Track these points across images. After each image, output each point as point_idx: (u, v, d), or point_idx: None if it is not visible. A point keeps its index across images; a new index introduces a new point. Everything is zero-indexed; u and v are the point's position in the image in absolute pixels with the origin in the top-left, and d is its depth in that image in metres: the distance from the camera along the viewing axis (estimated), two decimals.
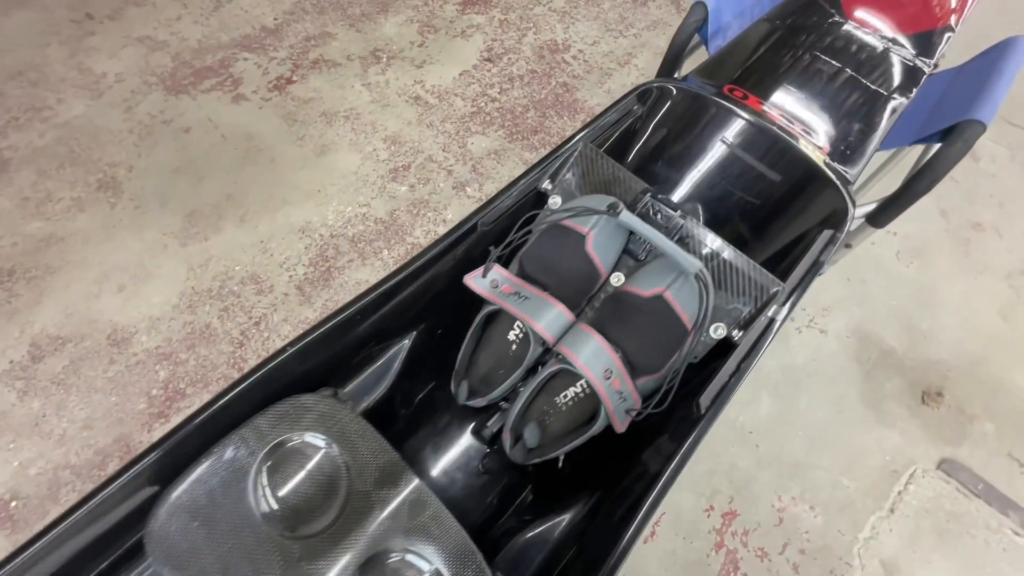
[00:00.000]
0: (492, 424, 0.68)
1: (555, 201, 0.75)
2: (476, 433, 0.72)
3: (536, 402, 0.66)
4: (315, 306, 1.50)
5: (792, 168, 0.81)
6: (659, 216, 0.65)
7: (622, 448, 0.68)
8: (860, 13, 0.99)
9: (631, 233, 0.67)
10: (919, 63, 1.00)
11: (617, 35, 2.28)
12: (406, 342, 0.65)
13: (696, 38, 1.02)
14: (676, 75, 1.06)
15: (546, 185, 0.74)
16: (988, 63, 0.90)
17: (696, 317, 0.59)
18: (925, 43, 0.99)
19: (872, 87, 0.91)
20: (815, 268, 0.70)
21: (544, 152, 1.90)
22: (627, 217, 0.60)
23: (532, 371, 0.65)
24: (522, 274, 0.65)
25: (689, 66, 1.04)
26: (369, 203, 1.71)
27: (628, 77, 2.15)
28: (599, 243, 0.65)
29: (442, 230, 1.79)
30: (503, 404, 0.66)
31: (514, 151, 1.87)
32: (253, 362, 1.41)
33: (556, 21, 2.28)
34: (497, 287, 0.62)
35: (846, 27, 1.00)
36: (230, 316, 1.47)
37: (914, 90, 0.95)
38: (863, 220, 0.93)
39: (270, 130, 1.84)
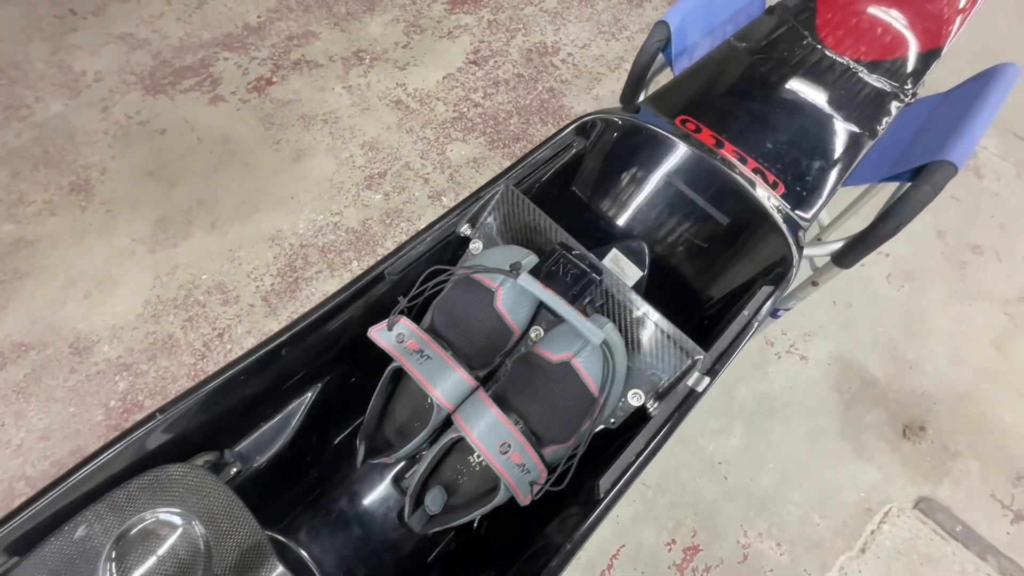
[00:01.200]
0: (410, 476, 0.64)
1: (476, 246, 0.70)
2: (396, 482, 0.68)
3: (448, 461, 0.61)
4: (280, 318, 1.47)
5: (740, 211, 0.74)
6: (569, 276, 0.59)
7: (534, 518, 0.63)
8: (835, 37, 0.91)
9: None
10: (896, 92, 0.92)
11: (609, 38, 2.19)
12: (308, 394, 0.61)
13: (662, 58, 0.95)
14: (642, 96, 0.99)
15: (465, 229, 0.69)
16: (970, 94, 0.82)
17: (602, 388, 0.54)
18: (906, 69, 0.90)
19: (840, 120, 0.83)
20: (747, 330, 0.64)
21: None
22: (526, 281, 0.54)
23: (444, 430, 0.60)
24: (432, 328, 0.61)
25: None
26: (342, 212, 1.66)
27: (618, 83, 2.07)
28: (509, 299, 0.60)
29: None
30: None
31: (494, 159, 1.81)
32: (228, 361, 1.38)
33: (547, 22, 2.20)
34: (403, 342, 0.57)
35: (819, 52, 0.92)
36: (194, 326, 1.44)
37: (887, 122, 0.87)
38: (829, 259, 0.87)
39: (247, 133, 1.80)
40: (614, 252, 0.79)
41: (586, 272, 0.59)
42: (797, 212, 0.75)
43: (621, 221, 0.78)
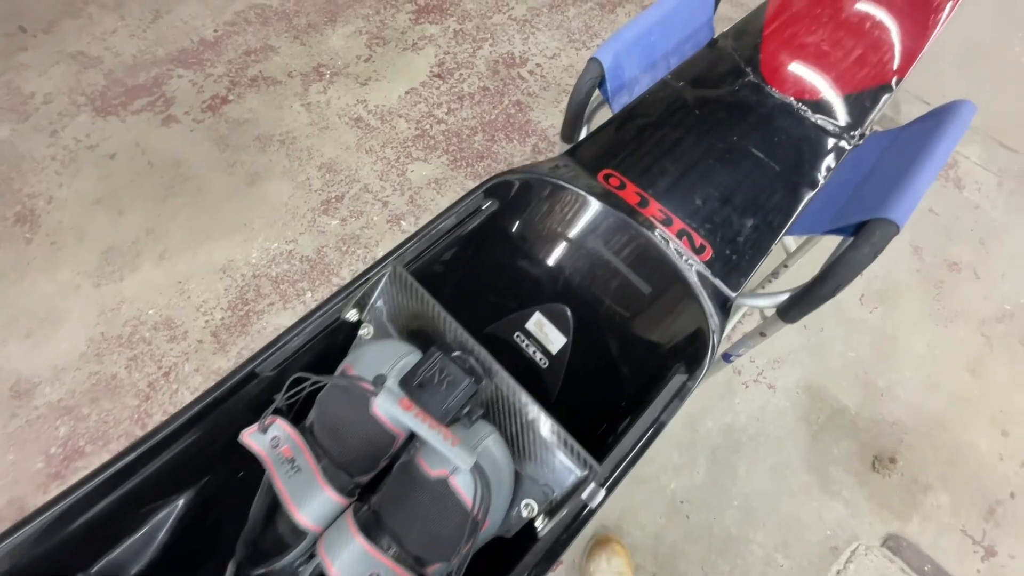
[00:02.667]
0: None
1: (366, 332, 0.64)
2: None
3: None
4: (229, 355, 1.41)
5: (661, 280, 0.67)
6: (446, 384, 0.52)
7: None
8: (780, 74, 0.84)
9: None
10: (842, 135, 0.84)
11: (580, 47, 2.11)
12: (180, 502, 0.56)
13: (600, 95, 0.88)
14: (583, 133, 0.92)
15: (352, 315, 0.62)
16: (920, 137, 0.75)
17: (477, 510, 0.48)
18: (855, 107, 0.83)
19: (779, 169, 0.76)
20: (655, 429, 0.58)
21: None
22: (385, 402, 0.48)
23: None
24: (312, 430, 0.55)
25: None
26: (296, 239, 1.60)
27: None
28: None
29: None
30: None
31: (456, 180, 1.74)
32: (158, 417, 1.33)
33: (515, 31, 2.11)
34: (277, 446, 0.52)
35: (761, 91, 0.84)
36: (138, 366, 1.39)
37: (831, 169, 0.79)
38: (774, 312, 0.81)
39: (200, 156, 1.73)
40: (537, 316, 0.73)
41: (465, 378, 0.53)
42: (724, 281, 0.68)
43: (543, 283, 0.72)
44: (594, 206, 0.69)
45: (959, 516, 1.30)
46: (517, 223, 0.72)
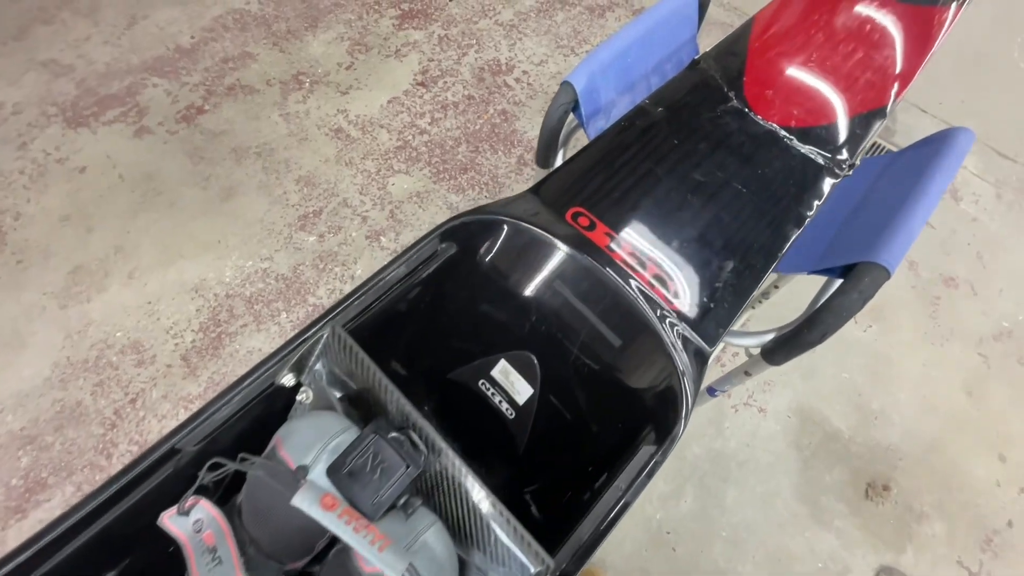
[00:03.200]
0: None
1: (305, 397, 0.58)
2: None
3: None
4: (200, 380, 1.36)
5: (631, 332, 0.62)
6: (380, 471, 0.47)
7: None
8: (764, 98, 0.78)
9: None
10: (830, 165, 0.77)
11: (568, 52, 2.05)
12: None
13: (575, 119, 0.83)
14: (559, 159, 0.87)
15: (288, 379, 0.57)
16: (916, 167, 0.70)
17: None
18: (846, 135, 0.77)
19: (763, 204, 0.71)
20: (619, 512, 0.53)
21: (474, 195, 1.71)
22: (304, 502, 0.42)
23: None
24: (239, 514, 0.50)
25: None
26: (272, 256, 1.54)
27: None
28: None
29: (348, 287, 1.62)
30: None
31: (439, 193, 1.68)
32: (123, 447, 1.28)
33: (502, 37, 2.05)
34: (200, 531, 0.47)
35: (744, 118, 0.78)
36: (104, 392, 1.33)
37: (818, 204, 0.73)
38: (759, 353, 0.76)
39: (173, 169, 1.67)
40: (503, 364, 0.68)
41: (401, 465, 0.47)
42: (700, 332, 0.63)
43: (509, 329, 0.67)
44: (560, 250, 0.64)
45: (955, 546, 1.26)
46: (479, 266, 0.67)
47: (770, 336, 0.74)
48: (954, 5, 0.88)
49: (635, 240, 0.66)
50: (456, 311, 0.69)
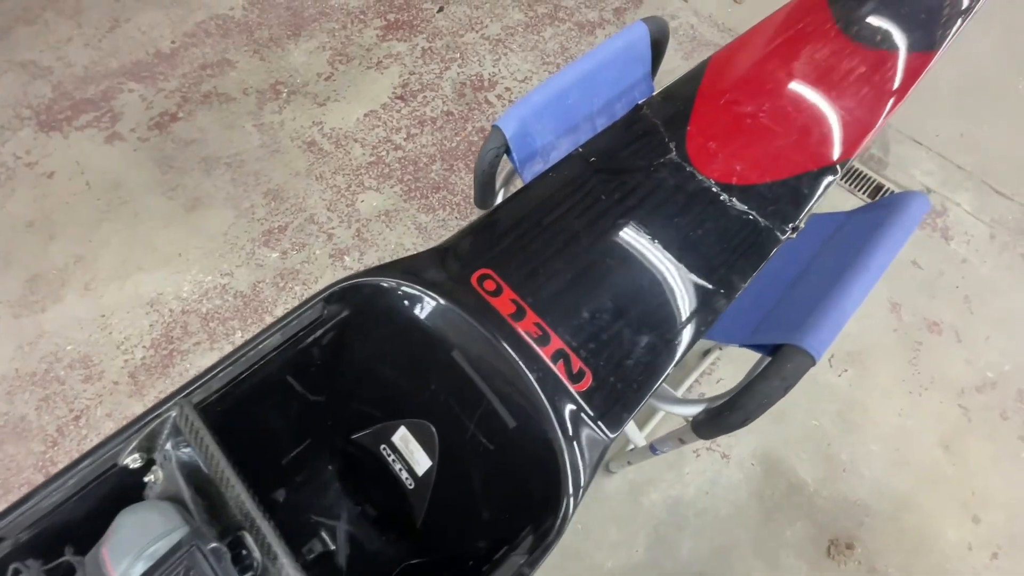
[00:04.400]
0: None
1: (153, 479, 0.54)
2: None
3: None
4: (145, 399, 1.32)
5: (526, 415, 0.56)
6: None
7: None
8: (706, 151, 0.71)
9: None
10: (771, 228, 0.69)
11: (553, 69, 1.99)
12: None
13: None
14: (500, 197, 0.82)
15: (132, 460, 0.52)
16: (861, 235, 0.64)
17: None
18: (791, 195, 0.71)
19: (691, 273, 0.65)
20: None
21: (444, 215, 1.67)
22: None
23: None
24: None
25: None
26: (232, 272, 1.50)
27: None
28: None
29: None
30: None
31: (408, 212, 1.63)
32: (63, 466, 1.25)
33: (487, 51, 2.00)
34: None
35: (682, 171, 0.71)
36: (49, 407, 1.30)
37: (754, 274, 0.66)
38: (688, 423, 0.70)
39: (141, 178, 1.64)
40: (403, 431, 0.63)
41: None
42: (602, 418, 0.57)
43: (411, 395, 0.62)
44: (459, 318, 0.59)
45: None
46: (377, 329, 0.62)
47: (701, 407, 0.69)
48: (932, 51, 0.81)
49: (543, 309, 0.60)
50: (357, 373, 0.64)
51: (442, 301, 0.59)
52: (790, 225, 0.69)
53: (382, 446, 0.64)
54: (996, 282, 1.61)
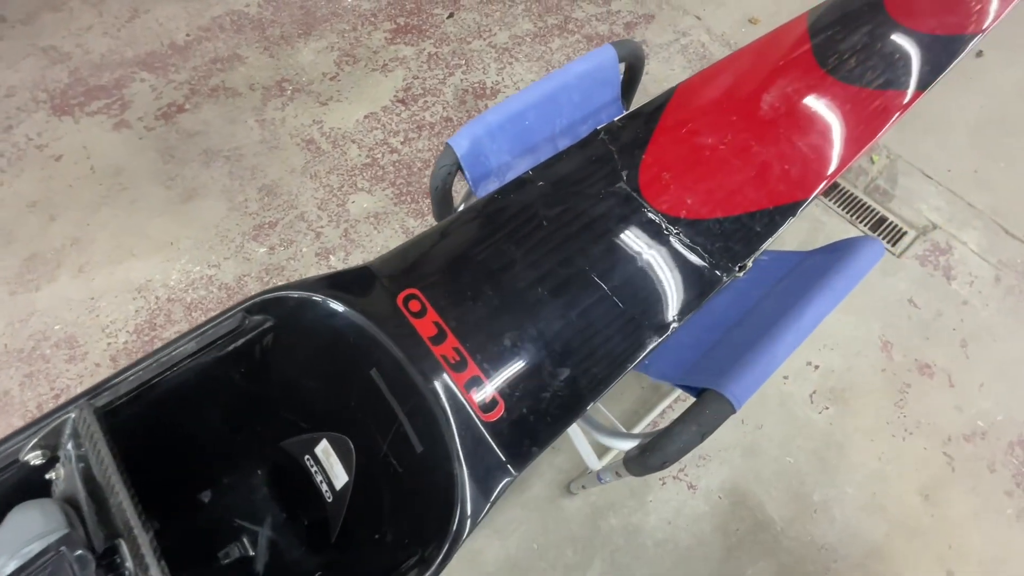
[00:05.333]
0: None
1: (54, 477, 0.54)
2: None
3: None
4: None
5: (432, 442, 0.55)
6: None
7: None
8: (660, 182, 0.69)
9: None
10: (717, 267, 0.66)
11: None
12: None
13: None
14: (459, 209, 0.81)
15: (35, 457, 0.53)
16: (805, 282, 0.61)
17: None
18: (742, 232, 0.68)
19: (625, 306, 0.62)
20: None
21: (432, 220, 1.67)
22: None
23: None
24: None
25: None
26: (220, 264, 1.53)
27: None
28: None
29: None
30: None
31: (397, 216, 1.64)
32: None
33: (492, 59, 2.00)
34: None
35: (631, 202, 0.68)
36: (32, 384, 1.34)
37: (691, 314, 0.63)
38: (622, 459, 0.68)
39: (143, 166, 1.68)
40: (325, 444, 0.63)
41: None
42: (509, 451, 0.54)
43: (333, 409, 0.62)
44: (378, 338, 0.58)
45: None
46: (301, 342, 0.62)
47: (635, 443, 0.67)
48: (910, 91, 0.78)
49: (465, 334, 0.59)
50: (284, 382, 0.64)
51: (362, 319, 0.59)
52: (737, 265, 0.66)
53: (306, 456, 0.64)
54: (997, 327, 1.54)
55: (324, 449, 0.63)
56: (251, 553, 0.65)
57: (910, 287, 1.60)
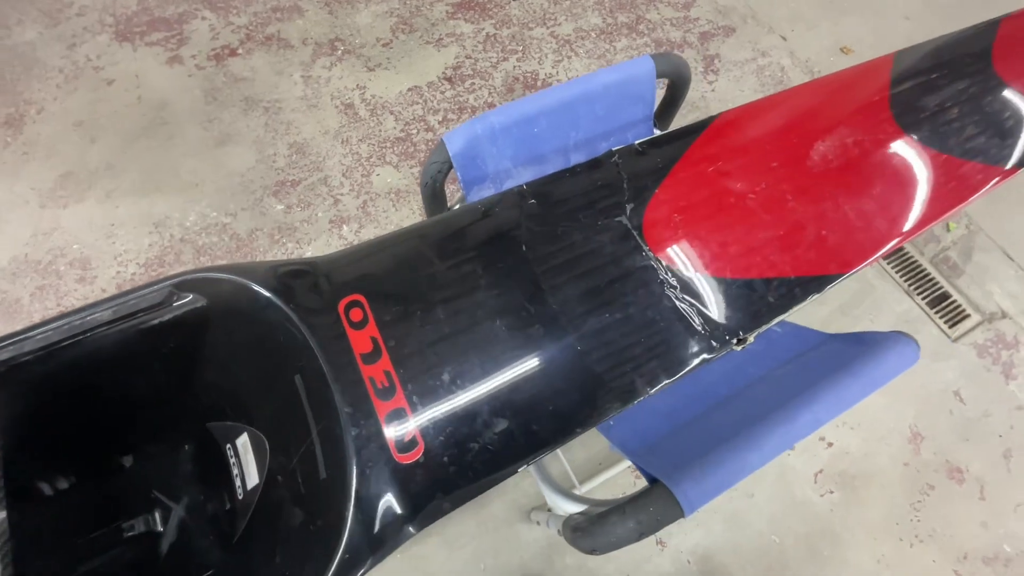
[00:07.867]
0: None
1: None
2: None
3: None
4: None
5: (336, 471, 0.49)
6: None
7: None
8: (669, 225, 0.58)
9: None
10: (711, 335, 0.56)
11: None
12: None
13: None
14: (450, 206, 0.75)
15: None
16: (815, 374, 0.51)
17: None
18: (751, 300, 0.57)
19: (590, 360, 0.53)
20: None
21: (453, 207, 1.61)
22: None
23: None
24: None
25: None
26: (237, 214, 1.52)
27: None
28: None
29: None
30: None
31: (418, 197, 1.59)
32: None
33: (551, 50, 1.90)
34: None
35: (628, 240, 0.58)
36: (41, 297, 1.38)
37: (674, 376, 0.54)
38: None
39: (186, 103, 1.69)
40: (245, 437, 0.59)
41: None
42: (412, 507, 0.47)
43: (257, 404, 0.57)
44: (308, 342, 0.53)
45: None
46: (233, 328, 0.58)
47: (578, 508, 0.59)
48: (1006, 167, 0.65)
49: (400, 357, 0.52)
50: (214, 365, 0.60)
51: (296, 319, 0.54)
52: (734, 337, 0.56)
53: (228, 445, 0.60)
54: None
55: (244, 443, 0.58)
56: (159, 529, 0.63)
57: (959, 378, 1.42)
